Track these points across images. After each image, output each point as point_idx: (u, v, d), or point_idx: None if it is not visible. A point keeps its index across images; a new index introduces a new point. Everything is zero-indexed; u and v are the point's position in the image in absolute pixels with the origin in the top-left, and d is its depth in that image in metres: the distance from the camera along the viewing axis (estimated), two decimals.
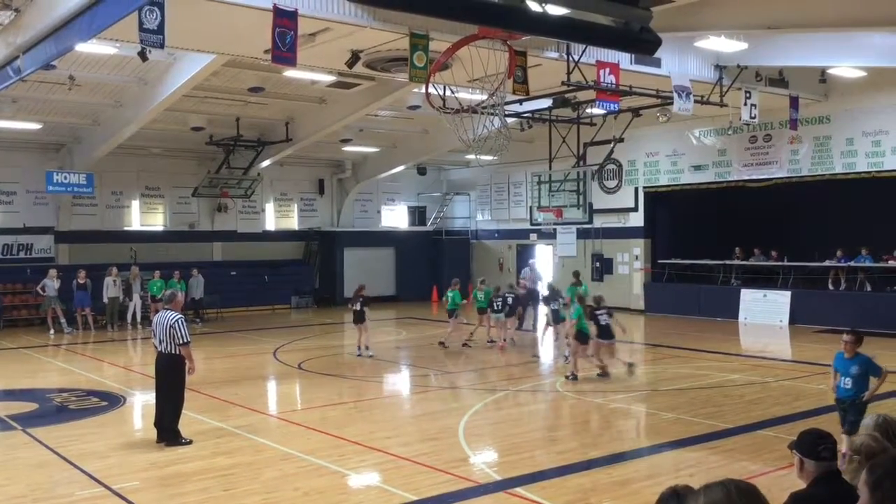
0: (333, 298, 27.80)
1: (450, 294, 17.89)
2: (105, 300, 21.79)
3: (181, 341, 9.28)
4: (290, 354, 16.70)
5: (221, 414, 11.08)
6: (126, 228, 25.59)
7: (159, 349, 9.46)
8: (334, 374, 14.69)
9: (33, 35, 11.42)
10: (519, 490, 7.52)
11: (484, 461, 8.81)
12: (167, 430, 9.35)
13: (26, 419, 10.87)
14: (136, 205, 25.95)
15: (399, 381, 14.60)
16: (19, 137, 22.31)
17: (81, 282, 21.27)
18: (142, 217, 26.08)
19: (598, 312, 13.80)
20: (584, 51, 13.78)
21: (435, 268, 29.88)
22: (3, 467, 8.54)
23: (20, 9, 11.51)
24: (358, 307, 15.99)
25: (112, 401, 12.25)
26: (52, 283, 20.99)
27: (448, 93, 13.63)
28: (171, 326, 9.28)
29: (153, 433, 10.74)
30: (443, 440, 9.54)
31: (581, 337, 13.52)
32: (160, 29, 9.85)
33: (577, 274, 18.75)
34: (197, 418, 10.81)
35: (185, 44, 12.91)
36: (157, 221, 26.39)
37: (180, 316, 9.46)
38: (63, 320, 21.06)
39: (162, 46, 10.18)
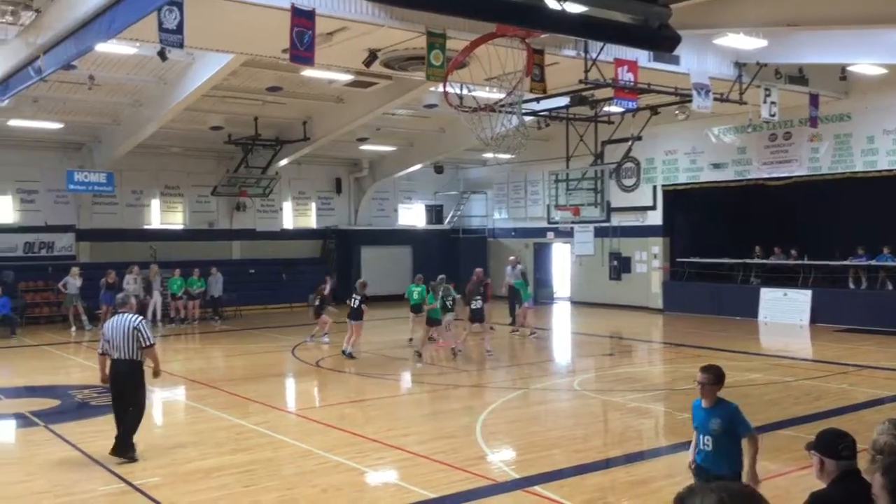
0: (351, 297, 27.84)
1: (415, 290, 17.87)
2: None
3: (146, 343, 8.59)
4: (308, 352, 16.77)
5: (241, 411, 11.16)
6: (146, 227, 25.81)
7: (115, 356, 8.61)
8: (352, 371, 14.74)
9: (53, 35, 11.52)
10: (536, 488, 7.52)
11: (501, 459, 8.82)
12: (122, 442, 8.61)
13: (48, 415, 10.99)
14: (155, 203, 26.16)
15: (416, 379, 14.60)
16: (40, 137, 22.55)
17: (111, 281, 21.33)
18: (161, 216, 26.30)
19: (354, 296, 16.06)
20: (601, 48, 13.74)
21: (452, 266, 29.87)
22: (25, 463, 8.65)
23: (41, 9, 11.62)
24: (317, 303, 17.81)
25: None
26: (73, 281, 21.19)
27: (465, 91, 13.64)
28: (134, 329, 8.55)
29: (173, 430, 10.88)
30: (460, 438, 9.56)
31: (429, 321, 15.82)
32: (179, 29, 9.91)
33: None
34: (217, 415, 10.92)
35: (203, 43, 12.99)
36: (176, 220, 26.59)
37: (141, 317, 8.82)
38: (84, 318, 21.26)
39: (181, 46, 10.25)
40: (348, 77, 17.36)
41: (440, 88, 13.19)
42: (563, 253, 28.89)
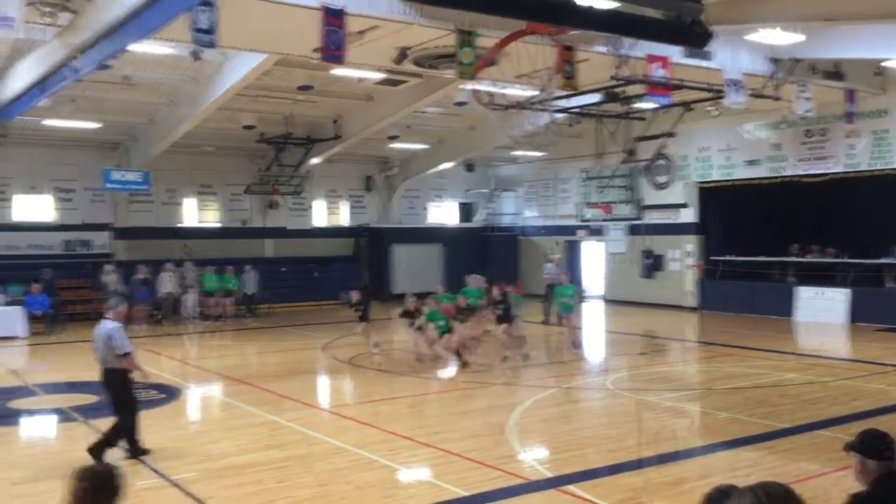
0: (382, 294, 27.97)
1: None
2: (161, 295, 22.36)
3: (120, 352, 8.34)
4: (341, 350, 16.85)
5: (275, 407, 11.25)
6: (180, 225, 26.13)
7: (100, 365, 8.57)
8: (384, 369, 14.77)
9: (90, 36, 11.70)
10: (570, 488, 7.48)
11: (534, 458, 8.79)
12: (130, 447, 8.57)
13: (87, 411, 11.14)
14: (190, 202, 26.47)
15: (448, 378, 14.59)
16: (78, 136, 22.91)
17: (142, 277, 21.77)
18: (196, 214, 26.62)
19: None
20: (633, 45, 13.61)
21: (483, 264, 29.87)
22: (64, 458, 8.76)
23: (77, 10, 11.80)
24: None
25: (169, 393, 12.51)
26: (110, 279, 21.54)
27: (495, 89, 13.63)
28: (108, 337, 8.36)
29: (208, 426, 11.02)
30: (492, 436, 9.54)
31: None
32: (212, 29, 9.99)
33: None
34: (251, 411, 11.03)
35: (236, 43, 13.09)
36: (210, 218, 26.89)
37: (117, 324, 8.50)
38: None
39: (214, 46, 10.34)
40: (379, 75, 17.42)
41: (470, 86, 13.20)
42: (594, 251, 28.72)
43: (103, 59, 12.25)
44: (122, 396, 8.59)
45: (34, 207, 23.86)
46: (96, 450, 8.36)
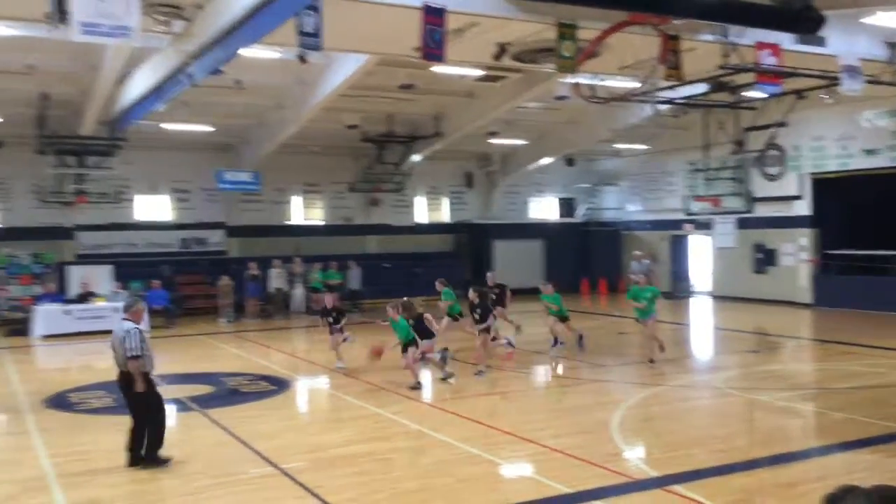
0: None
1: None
2: (271, 291, 23.22)
3: (129, 354, 8.02)
4: (440, 344, 16.95)
5: (378, 400, 11.49)
6: (288, 223, 27.00)
7: (118, 367, 8.33)
8: (484, 365, 14.78)
9: (202, 43, 12.22)
10: (676, 487, 7.33)
11: (639, 457, 8.66)
12: (148, 456, 8.31)
13: (203, 401, 11.69)
14: (297, 200, 27.31)
15: (550, 374, 14.52)
16: (192, 139, 23.99)
17: (254, 273, 22.69)
18: (303, 212, 27.43)
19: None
20: (742, 32, 13.15)
21: (584, 259, 29.56)
22: (183, 445, 9.20)
23: (190, 18, 12.33)
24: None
25: (280, 385, 12.98)
26: (225, 284, 22.62)
27: (597, 82, 13.43)
28: (123, 339, 8.09)
29: (317, 416, 11.36)
30: (596, 434, 9.45)
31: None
32: (317, 32, 10.26)
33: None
34: (356, 404, 11.31)
35: (340, 45, 13.38)
36: (316, 216, 27.67)
37: (135, 326, 8.20)
38: (229, 310, 22.51)
39: (319, 49, 10.61)
40: (478, 72, 17.46)
41: (571, 80, 13.07)
42: (701, 245, 27.93)
43: (216, 64, 12.75)
44: (142, 398, 8.25)
45: (153, 207, 25.18)
46: (153, 462, 8.31)
